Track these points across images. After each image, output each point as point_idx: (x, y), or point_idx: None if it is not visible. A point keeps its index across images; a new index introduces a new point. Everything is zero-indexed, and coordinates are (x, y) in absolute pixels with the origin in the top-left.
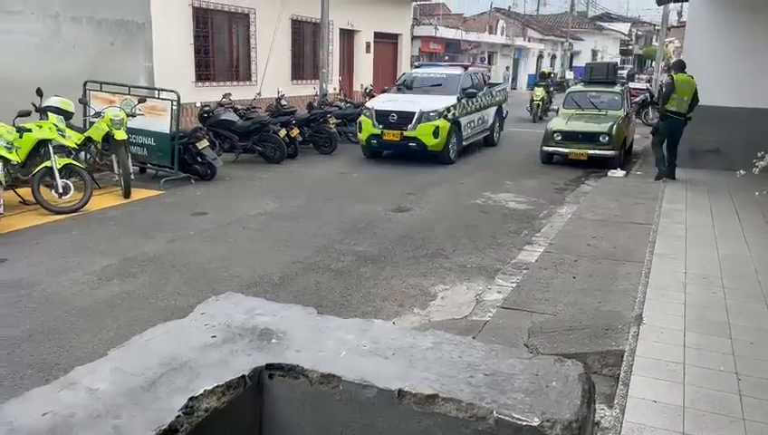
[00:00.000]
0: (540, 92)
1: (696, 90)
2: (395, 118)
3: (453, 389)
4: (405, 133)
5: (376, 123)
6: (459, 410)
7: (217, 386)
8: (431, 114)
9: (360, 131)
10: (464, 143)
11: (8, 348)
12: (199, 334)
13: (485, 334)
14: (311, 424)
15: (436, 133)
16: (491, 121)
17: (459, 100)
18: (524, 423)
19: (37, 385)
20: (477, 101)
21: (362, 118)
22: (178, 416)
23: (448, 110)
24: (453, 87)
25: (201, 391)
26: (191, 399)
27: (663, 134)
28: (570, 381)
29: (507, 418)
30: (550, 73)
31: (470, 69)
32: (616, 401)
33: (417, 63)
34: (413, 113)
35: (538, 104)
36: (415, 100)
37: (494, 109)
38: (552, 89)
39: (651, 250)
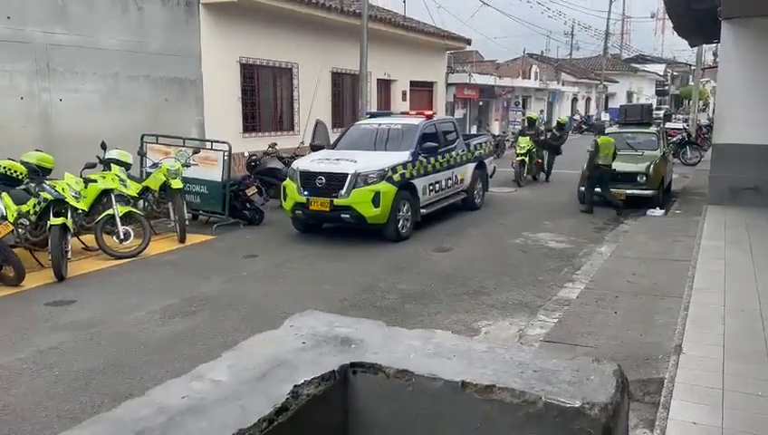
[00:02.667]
0: (525, 143)
1: (615, 146)
2: (323, 181)
3: (507, 381)
4: (336, 202)
5: (301, 189)
6: (513, 396)
7: (314, 377)
8: (370, 176)
9: (284, 199)
10: (423, 211)
11: (85, 380)
12: (292, 341)
13: None
14: (388, 412)
15: (376, 201)
16: (468, 181)
17: (415, 156)
18: (568, 405)
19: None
20: (444, 158)
21: (287, 181)
22: (287, 398)
23: (394, 169)
24: (408, 141)
25: (302, 381)
26: (295, 386)
27: (593, 179)
28: (605, 376)
29: (554, 401)
30: (536, 120)
31: (434, 118)
32: (657, 422)
33: (367, 113)
34: (345, 175)
35: (522, 161)
36: (352, 157)
37: (471, 166)
38: (542, 138)
39: (690, 285)
